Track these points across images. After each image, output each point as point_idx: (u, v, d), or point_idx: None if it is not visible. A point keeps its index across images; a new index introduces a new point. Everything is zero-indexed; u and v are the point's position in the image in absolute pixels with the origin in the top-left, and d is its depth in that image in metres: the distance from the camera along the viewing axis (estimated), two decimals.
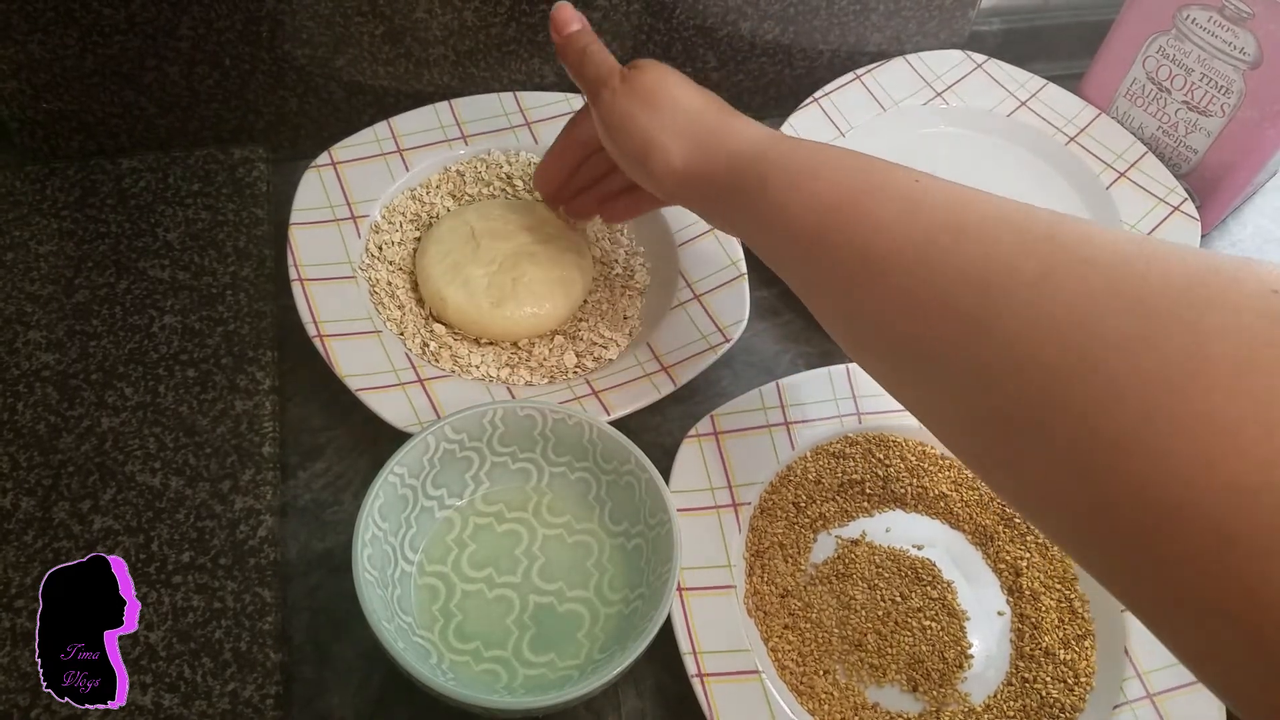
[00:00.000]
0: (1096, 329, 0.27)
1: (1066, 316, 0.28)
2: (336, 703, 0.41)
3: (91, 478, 0.43)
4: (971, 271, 0.31)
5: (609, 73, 0.45)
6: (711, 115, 0.43)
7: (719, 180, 0.41)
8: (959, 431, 0.33)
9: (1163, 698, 0.42)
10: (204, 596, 0.41)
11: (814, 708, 0.41)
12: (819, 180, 0.37)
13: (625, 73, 0.44)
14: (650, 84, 0.44)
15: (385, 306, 0.51)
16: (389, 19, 0.55)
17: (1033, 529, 0.47)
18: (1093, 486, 0.27)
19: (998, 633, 0.45)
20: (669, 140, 0.42)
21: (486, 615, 0.41)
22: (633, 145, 0.43)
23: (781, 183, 0.38)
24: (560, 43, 0.47)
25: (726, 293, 0.52)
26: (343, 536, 0.45)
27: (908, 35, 0.67)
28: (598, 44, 0.46)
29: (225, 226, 0.53)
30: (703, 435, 0.47)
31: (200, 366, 0.47)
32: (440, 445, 0.42)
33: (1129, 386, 0.26)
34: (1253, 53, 0.57)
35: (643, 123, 0.43)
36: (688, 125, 0.42)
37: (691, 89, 0.44)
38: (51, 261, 0.51)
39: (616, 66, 0.45)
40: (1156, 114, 0.63)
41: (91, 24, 0.52)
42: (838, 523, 0.47)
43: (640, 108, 0.43)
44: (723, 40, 0.62)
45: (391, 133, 0.57)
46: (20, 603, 0.40)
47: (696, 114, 0.43)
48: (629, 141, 0.44)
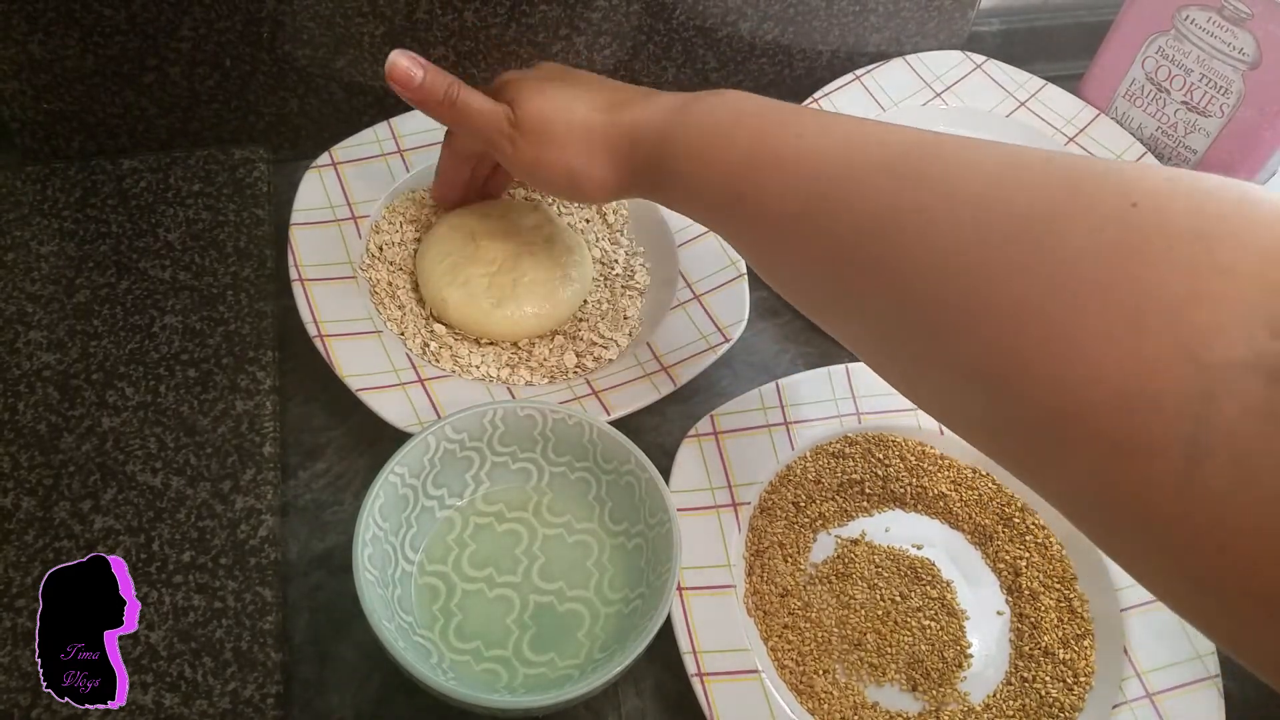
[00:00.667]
0: (973, 263, 0.29)
1: (945, 256, 0.30)
2: (336, 702, 0.41)
3: (92, 477, 0.43)
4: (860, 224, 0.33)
5: (494, 119, 0.44)
6: (611, 116, 0.42)
7: (642, 175, 0.42)
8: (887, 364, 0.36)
9: (1162, 697, 0.42)
10: (204, 596, 0.41)
11: (813, 707, 0.41)
12: (714, 157, 0.39)
13: (510, 114, 0.43)
14: (540, 116, 0.43)
15: (386, 307, 0.51)
16: (389, 20, 0.56)
17: (1032, 529, 0.47)
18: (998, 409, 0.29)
19: (997, 632, 0.45)
20: (586, 164, 0.43)
21: (487, 615, 0.41)
22: (557, 183, 0.44)
23: (685, 167, 0.40)
24: (416, 99, 0.44)
25: (726, 293, 0.52)
26: (343, 536, 0.45)
27: (907, 36, 0.67)
28: (464, 89, 0.44)
29: (226, 227, 0.53)
30: (703, 435, 0.47)
31: (201, 366, 0.47)
32: (440, 445, 0.42)
33: (1012, 316, 0.27)
34: (1252, 53, 0.57)
35: (554, 159, 0.43)
36: (597, 140, 0.42)
37: (578, 96, 0.43)
38: (52, 262, 0.51)
39: (499, 111, 0.44)
40: (1156, 114, 0.63)
41: (92, 24, 0.52)
42: (837, 522, 0.47)
43: (545, 146, 0.43)
44: (723, 40, 0.62)
45: (392, 133, 0.57)
46: (21, 602, 0.40)
47: (598, 124, 0.42)
48: (552, 181, 0.44)
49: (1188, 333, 0.24)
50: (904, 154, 0.33)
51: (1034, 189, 0.29)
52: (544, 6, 0.57)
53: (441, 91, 0.44)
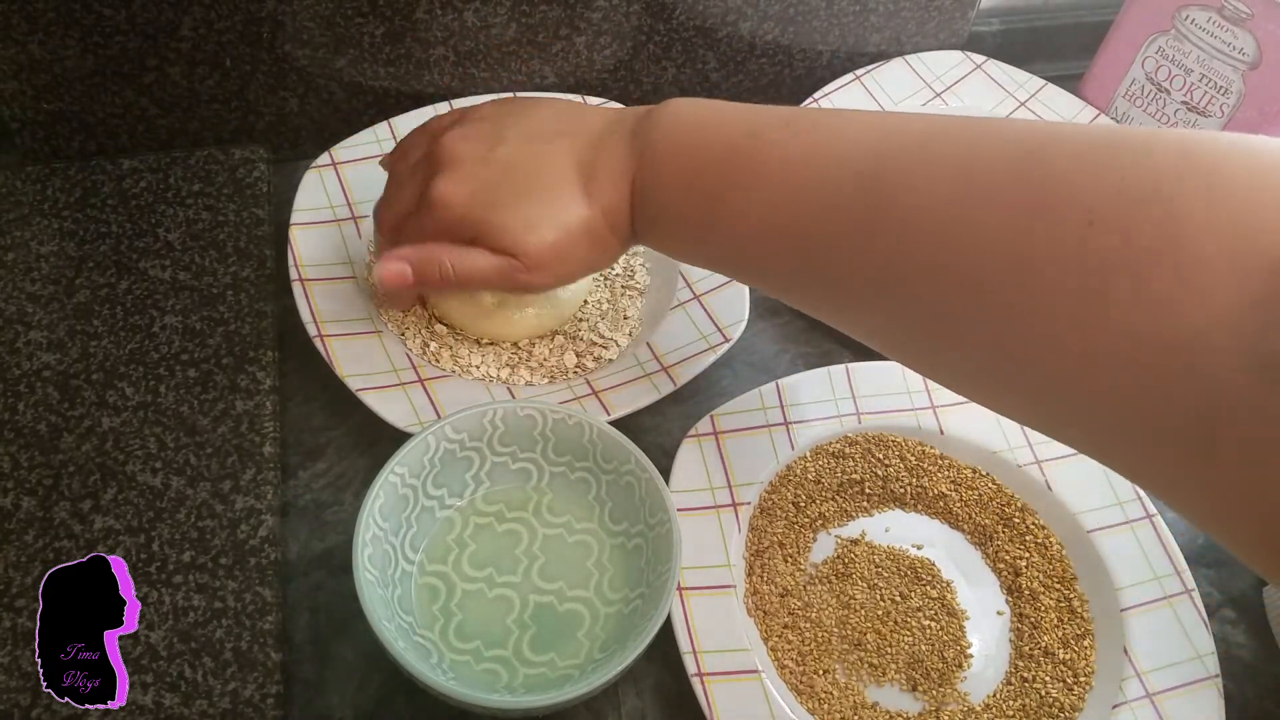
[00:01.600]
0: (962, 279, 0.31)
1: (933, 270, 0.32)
2: (336, 702, 0.41)
3: (92, 477, 0.43)
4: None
5: (502, 273, 0.42)
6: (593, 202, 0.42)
7: (644, 234, 0.43)
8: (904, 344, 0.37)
9: (1162, 697, 0.42)
10: (204, 596, 0.41)
11: (813, 707, 0.41)
12: (686, 200, 0.40)
13: (514, 262, 0.42)
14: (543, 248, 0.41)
15: (386, 307, 0.51)
16: (389, 20, 0.56)
17: (1032, 529, 0.47)
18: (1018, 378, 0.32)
19: (997, 632, 0.45)
20: (601, 256, 0.43)
21: (487, 615, 0.41)
22: (578, 277, 0.45)
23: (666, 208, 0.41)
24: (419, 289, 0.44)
25: (726, 293, 0.52)
26: (343, 536, 0.45)
27: (907, 36, 0.67)
28: (456, 256, 0.42)
29: (226, 227, 0.53)
30: (703, 435, 0.47)
31: (201, 366, 0.47)
32: (440, 445, 0.42)
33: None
34: (1252, 53, 0.57)
35: (572, 270, 0.43)
36: (599, 234, 0.42)
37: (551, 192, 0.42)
38: (52, 262, 0.51)
39: (503, 265, 0.42)
40: (1156, 114, 0.63)
41: (92, 24, 0.52)
42: (837, 522, 0.47)
43: (559, 265, 0.42)
44: (723, 41, 0.62)
45: (392, 133, 0.57)
46: (21, 603, 0.40)
47: (592, 219, 0.42)
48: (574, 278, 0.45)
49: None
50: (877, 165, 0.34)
51: (1004, 190, 0.31)
52: (544, 6, 0.57)
53: (437, 274, 0.43)
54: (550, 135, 0.43)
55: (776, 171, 0.37)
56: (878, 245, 0.34)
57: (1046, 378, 0.30)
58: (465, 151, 0.43)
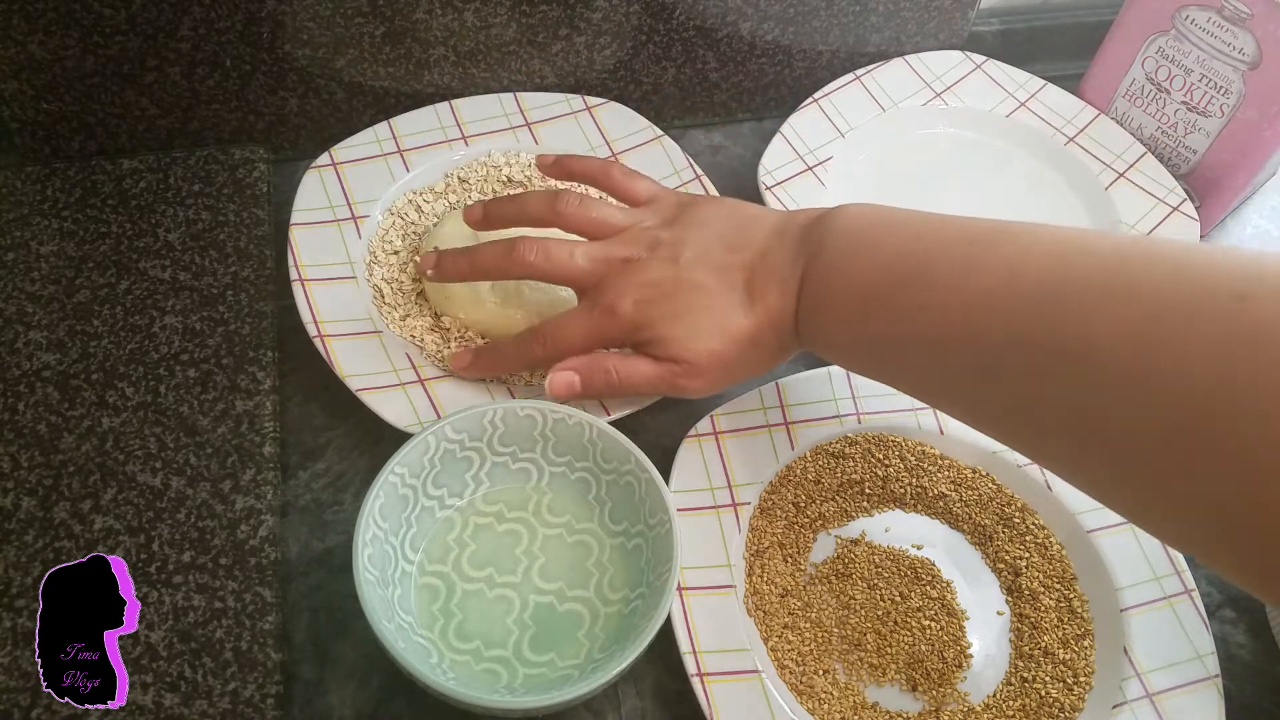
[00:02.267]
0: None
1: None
2: (336, 702, 0.41)
3: (92, 477, 0.43)
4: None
5: (666, 380, 0.44)
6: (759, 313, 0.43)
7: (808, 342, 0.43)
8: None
9: (1162, 697, 0.42)
10: (204, 596, 0.41)
11: (813, 707, 0.41)
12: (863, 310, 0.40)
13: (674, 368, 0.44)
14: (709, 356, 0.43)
15: (386, 306, 0.51)
16: (389, 20, 0.56)
17: (1032, 529, 0.47)
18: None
19: (997, 632, 0.45)
20: (768, 364, 0.45)
21: (487, 615, 0.41)
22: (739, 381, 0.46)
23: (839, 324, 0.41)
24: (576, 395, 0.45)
25: None
26: (343, 536, 0.45)
27: (907, 36, 0.67)
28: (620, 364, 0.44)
29: (226, 227, 0.53)
30: (703, 435, 0.47)
31: (201, 366, 0.47)
32: (440, 445, 0.42)
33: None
34: (1252, 53, 0.57)
35: (736, 377, 0.45)
36: (766, 345, 0.44)
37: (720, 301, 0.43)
38: (52, 262, 0.51)
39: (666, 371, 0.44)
40: (1156, 114, 0.63)
41: (92, 25, 0.52)
42: (837, 522, 0.47)
43: (724, 373, 0.44)
44: (723, 41, 0.62)
45: (392, 133, 0.57)
46: (20, 603, 0.40)
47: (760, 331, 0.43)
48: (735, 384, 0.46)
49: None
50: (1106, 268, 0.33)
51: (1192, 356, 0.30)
52: (544, 6, 0.57)
53: (602, 381, 0.45)
54: (722, 253, 0.44)
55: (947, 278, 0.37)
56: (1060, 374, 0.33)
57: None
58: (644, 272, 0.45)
